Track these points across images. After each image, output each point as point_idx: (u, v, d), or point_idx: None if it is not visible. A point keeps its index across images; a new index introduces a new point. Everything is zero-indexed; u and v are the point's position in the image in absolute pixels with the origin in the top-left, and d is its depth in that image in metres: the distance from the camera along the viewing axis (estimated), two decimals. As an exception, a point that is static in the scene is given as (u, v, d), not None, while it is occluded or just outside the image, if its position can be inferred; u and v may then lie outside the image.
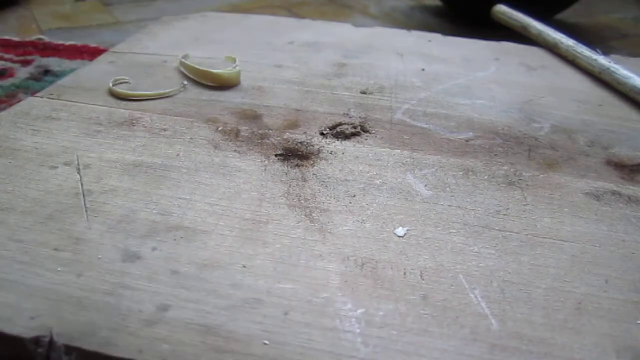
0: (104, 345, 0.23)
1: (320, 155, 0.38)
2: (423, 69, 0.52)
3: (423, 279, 0.27)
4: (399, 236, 0.30)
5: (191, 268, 0.27)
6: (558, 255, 0.29)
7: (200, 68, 0.47)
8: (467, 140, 0.40)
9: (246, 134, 0.40)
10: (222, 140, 0.39)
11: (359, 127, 0.41)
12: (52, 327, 0.24)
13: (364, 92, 0.47)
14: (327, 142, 0.39)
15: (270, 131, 0.40)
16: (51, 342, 0.23)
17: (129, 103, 0.43)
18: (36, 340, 0.23)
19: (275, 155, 0.37)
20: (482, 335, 0.25)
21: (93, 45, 0.72)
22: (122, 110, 0.42)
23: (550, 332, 0.25)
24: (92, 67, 0.50)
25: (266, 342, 0.24)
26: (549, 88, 0.49)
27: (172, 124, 0.40)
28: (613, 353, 0.24)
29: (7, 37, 0.74)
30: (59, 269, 0.27)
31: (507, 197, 0.34)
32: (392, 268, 0.28)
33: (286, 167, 0.36)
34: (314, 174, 0.35)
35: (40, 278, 0.26)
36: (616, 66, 0.49)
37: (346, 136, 0.40)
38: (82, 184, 0.33)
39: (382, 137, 0.40)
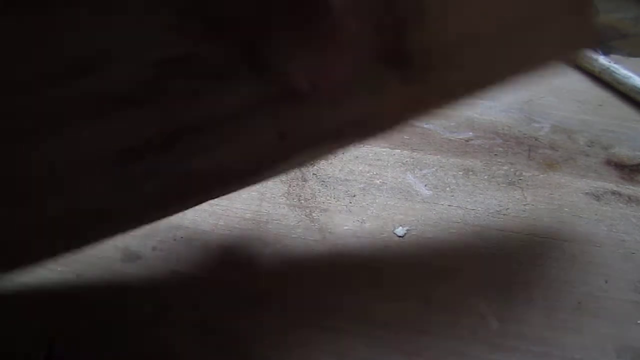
0: (103, 344, 0.23)
1: (320, 155, 0.37)
2: (423, 69, 0.51)
3: (423, 279, 0.27)
4: (399, 236, 0.30)
5: (191, 268, 0.27)
6: (558, 255, 0.29)
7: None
8: (467, 140, 0.40)
9: (246, 134, 0.39)
10: (222, 140, 0.39)
11: (359, 127, 0.41)
12: (52, 327, 0.24)
13: (364, 92, 0.46)
14: (327, 142, 0.39)
15: (270, 131, 0.40)
16: (51, 343, 0.23)
17: (129, 103, 0.43)
18: (36, 341, 0.23)
19: (275, 155, 0.37)
20: (482, 335, 0.25)
21: (93, 45, 0.72)
22: (122, 110, 0.42)
23: (550, 332, 0.25)
24: (92, 67, 0.50)
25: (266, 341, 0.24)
26: (549, 88, 0.49)
27: (172, 123, 0.40)
28: (613, 353, 0.24)
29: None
30: (59, 269, 0.27)
31: (507, 197, 0.34)
32: (392, 268, 0.28)
33: (286, 167, 0.36)
34: (314, 173, 0.35)
35: (40, 278, 0.26)
36: (616, 66, 0.49)
37: (346, 136, 0.40)
38: (82, 184, 0.33)
39: (382, 137, 0.40)
